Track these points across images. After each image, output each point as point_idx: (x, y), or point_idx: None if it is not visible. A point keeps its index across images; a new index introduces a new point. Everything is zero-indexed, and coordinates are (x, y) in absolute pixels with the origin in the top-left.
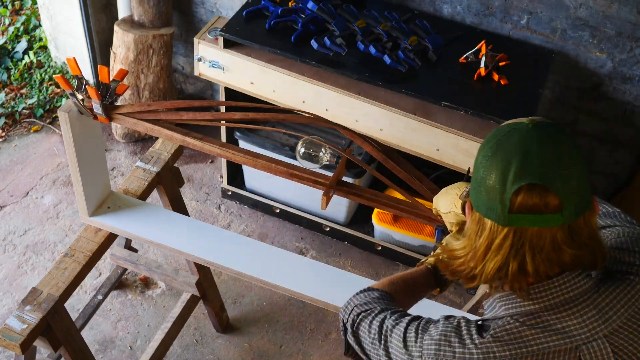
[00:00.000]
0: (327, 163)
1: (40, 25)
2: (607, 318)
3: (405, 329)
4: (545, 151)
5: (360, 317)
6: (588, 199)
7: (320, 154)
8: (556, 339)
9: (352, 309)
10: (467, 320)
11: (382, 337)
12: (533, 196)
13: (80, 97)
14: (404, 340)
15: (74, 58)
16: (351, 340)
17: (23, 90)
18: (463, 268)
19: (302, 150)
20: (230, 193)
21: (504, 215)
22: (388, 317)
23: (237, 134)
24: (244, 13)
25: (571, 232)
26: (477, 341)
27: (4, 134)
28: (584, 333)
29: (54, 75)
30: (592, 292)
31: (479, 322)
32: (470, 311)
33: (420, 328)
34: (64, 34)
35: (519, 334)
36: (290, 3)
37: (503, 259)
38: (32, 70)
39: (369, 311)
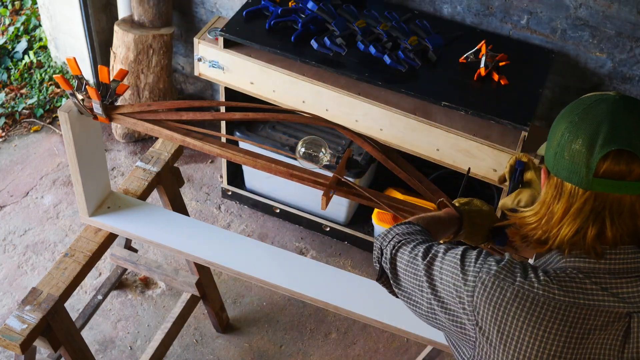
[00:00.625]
0: (327, 163)
1: (40, 25)
2: None
3: (464, 251)
4: (633, 120)
5: (401, 242)
6: None
7: (320, 154)
8: (612, 301)
9: (394, 236)
10: (534, 266)
11: (428, 258)
12: (620, 162)
13: (80, 97)
14: (462, 260)
15: (74, 58)
16: (386, 266)
17: (23, 90)
18: (534, 232)
19: (302, 150)
20: (230, 193)
21: (588, 179)
22: (436, 245)
23: (237, 134)
24: (244, 13)
25: None
26: (541, 278)
27: (4, 134)
28: (637, 303)
29: (54, 75)
30: None
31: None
32: None
33: (484, 253)
34: (64, 34)
35: (582, 285)
36: (290, 3)
37: (581, 223)
38: (32, 70)
39: (411, 240)
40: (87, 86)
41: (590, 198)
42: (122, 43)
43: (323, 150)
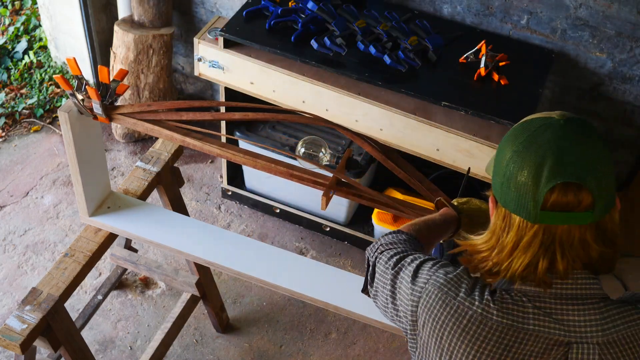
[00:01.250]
0: (327, 163)
1: (40, 25)
2: (606, 328)
3: (424, 261)
4: (579, 149)
5: (383, 253)
6: (614, 195)
7: (320, 154)
8: (553, 328)
9: (378, 247)
10: (484, 283)
11: (397, 267)
12: (567, 194)
13: (80, 97)
14: (416, 271)
15: (74, 58)
16: (369, 277)
17: (23, 90)
18: (485, 264)
19: (302, 150)
20: (230, 193)
21: (536, 212)
22: (410, 255)
23: (237, 134)
24: (244, 13)
25: (598, 229)
26: (484, 297)
27: (4, 134)
28: (580, 332)
29: (54, 75)
30: (599, 300)
31: (492, 289)
32: None
33: (440, 263)
34: (64, 34)
35: (523, 309)
36: (290, 3)
37: (532, 257)
38: (32, 70)
39: (392, 249)
40: (87, 86)
41: (540, 231)
42: (122, 43)
43: (323, 150)
